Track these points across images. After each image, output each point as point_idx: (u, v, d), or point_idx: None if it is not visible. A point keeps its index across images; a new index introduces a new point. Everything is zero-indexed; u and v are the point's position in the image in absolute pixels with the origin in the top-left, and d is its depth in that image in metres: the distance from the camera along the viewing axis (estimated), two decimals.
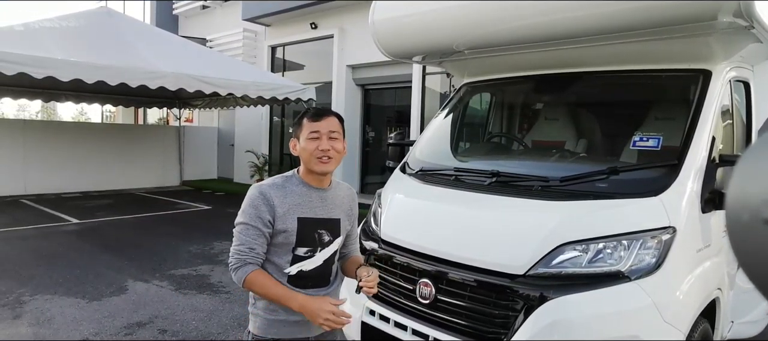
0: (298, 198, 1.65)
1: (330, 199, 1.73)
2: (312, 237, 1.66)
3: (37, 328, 3.64)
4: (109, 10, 8.81)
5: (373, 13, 3.29)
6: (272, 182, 1.68)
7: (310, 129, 1.64)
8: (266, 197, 1.61)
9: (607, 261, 2.07)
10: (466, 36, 2.95)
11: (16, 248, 5.94)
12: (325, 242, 1.69)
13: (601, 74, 2.93)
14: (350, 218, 1.83)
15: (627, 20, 2.34)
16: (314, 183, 1.69)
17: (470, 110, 3.79)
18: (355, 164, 11.06)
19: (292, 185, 1.68)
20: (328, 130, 1.65)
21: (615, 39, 2.50)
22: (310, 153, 1.63)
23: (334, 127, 1.66)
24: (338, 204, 1.76)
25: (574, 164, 2.91)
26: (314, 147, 1.63)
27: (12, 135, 10.26)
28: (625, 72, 2.83)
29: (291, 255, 1.65)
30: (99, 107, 14.00)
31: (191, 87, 7.36)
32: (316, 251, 1.68)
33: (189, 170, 12.87)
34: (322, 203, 1.70)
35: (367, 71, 10.49)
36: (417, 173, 3.01)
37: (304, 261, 1.66)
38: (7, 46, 6.04)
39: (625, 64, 2.79)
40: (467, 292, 2.20)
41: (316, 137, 1.64)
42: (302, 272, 1.66)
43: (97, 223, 7.61)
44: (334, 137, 1.66)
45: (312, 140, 1.64)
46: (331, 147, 1.64)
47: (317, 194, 1.70)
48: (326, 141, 1.64)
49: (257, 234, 1.60)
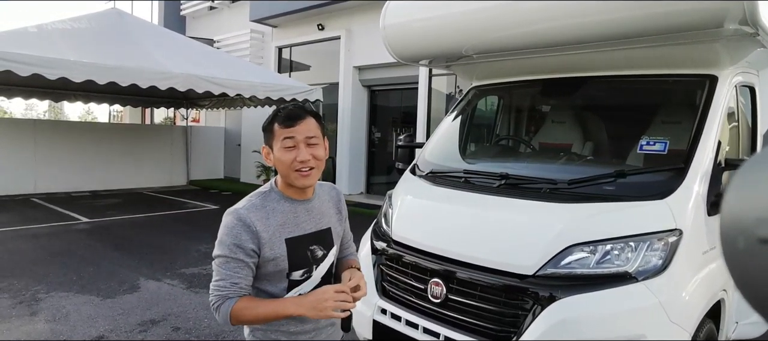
0: (281, 217, 1.43)
1: (316, 209, 1.52)
2: (305, 257, 1.46)
3: (53, 324, 3.72)
4: (119, 11, 8.91)
5: (384, 16, 3.36)
6: (250, 203, 1.43)
7: (283, 136, 1.39)
8: (246, 223, 1.37)
9: (615, 262, 2.13)
10: (476, 40, 3.01)
11: (30, 246, 6.04)
12: (319, 257, 1.50)
13: (608, 79, 2.99)
14: (341, 221, 1.63)
15: (634, 26, 2.40)
16: (297, 196, 1.47)
17: (478, 113, 3.85)
18: (361, 164, 11.13)
19: (273, 203, 1.44)
20: (304, 136, 1.40)
21: (622, 44, 2.56)
22: (288, 166, 1.39)
23: (312, 130, 1.41)
24: (325, 211, 1.55)
25: (582, 167, 2.97)
26: (291, 159, 1.38)
27: (22, 135, 10.39)
28: (631, 77, 2.88)
29: (286, 282, 1.45)
30: (106, 106, 14.10)
31: (200, 88, 7.45)
32: (312, 270, 1.48)
33: (196, 170, 12.97)
34: (308, 215, 1.49)
35: (373, 72, 10.55)
36: (427, 175, 3.07)
37: (302, 284, 1.47)
38: (21, 48, 6.14)
39: (632, 69, 2.85)
40: (477, 291, 2.26)
41: (291, 145, 1.39)
42: (301, 296, 1.45)
43: (107, 222, 7.71)
44: (313, 143, 1.41)
45: (287, 150, 1.39)
46: (311, 156, 1.40)
47: (302, 207, 1.48)
48: (305, 150, 1.39)
49: (240, 266, 1.36)
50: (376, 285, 2.75)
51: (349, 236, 1.73)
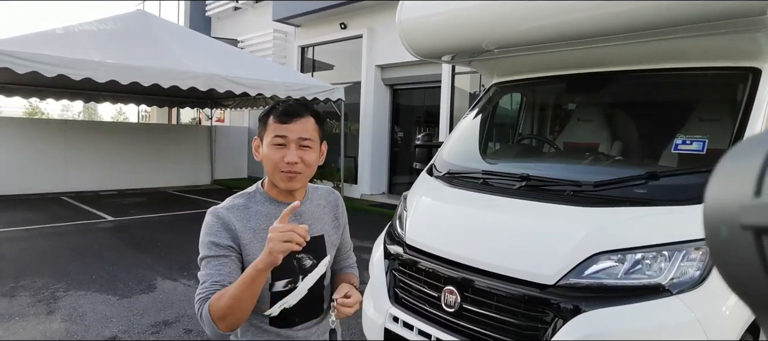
0: (264, 220, 1.31)
1: (306, 213, 1.39)
2: (290, 266, 1.31)
3: (69, 324, 3.73)
4: (144, 12, 9.03)
5: (400, 12, 3.23)
6: (231, 203, 1.34)
7: (275, 133, 1.29)
8: (225, 221, 1.28)
9: (646, 273, 1.94)
10: (496, 34, 2.85)
11: (54, 244, 6.14)
12: (307, 267, 1.36)
13: (639, 73, 2.78)
14: (338, 229, 1.49)
15: (668, 16, 2.19)
16: (283, 197, 1.35)
17: (500, 111, 3.68)
18: (383, 164, 11.03)
19: (257, 204, 1.34)
20: (298, 136, 1.29)
21: (655, 36, 2.36)
22: (274, 165, 1.29)
23: (307, 132, 1.30)
24: (318, 217, 1.42)
25: (609, 167, 2.77)
26: (278, 158, 1.28)
27: (54, 135, 10.67)
28: (664, 71, 2.67)
29: (268, 293, 1.32)
30: (135, 107, 14.40)
31: (221, 87, 7.47)
32: (297, 281, 1.35)
33: (220, 170, 13.10)
34: (296, 221, 1.31)
35: (396, 71, 10.43)
36: (444, 176, 2.92)
37: (286, 296, 1.33)
38: (48, 49, 6.25)
39: (665, 63, 2.63)
40: (493, 301, 2.11)
41: (281, 143, 1.28)
42: (286, 309, 1.34)
43: (130, 221, 7.81)
44: (306, 146, 1.30)
45: (276, 148, 1.29)
46: (299, 159, 1.29)
47: None
48: (294, 151, 1.28)
49: (221, 263, 1.25)
50: (388, 291, 2.62)
51: (347, 245, 1.59)
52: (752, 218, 0.30)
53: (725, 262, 0.33)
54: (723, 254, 0.33)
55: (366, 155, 10.80)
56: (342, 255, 1.57)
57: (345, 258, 1.59)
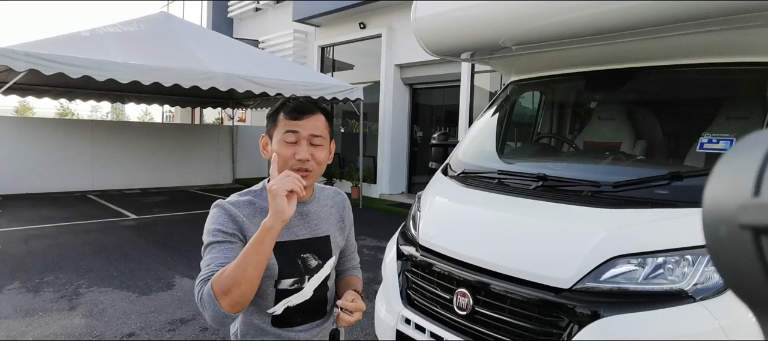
0: None
1: (313, 213, 1.37)
2: (295, 265, 1.30)
3: (89, 320, 3.79)
4: (167, 14, 9.18)
5: (415, 10, 3.18)
6: (238, 198, 1.31)
7: (286, 128, 1.26)
8: (232, 213, 1.25)
9: (668, 278, 1.85)
10: (513, 31, 2.77)
11: (79, 241, 6.29)
12: (312, 268, 1.34)
13: (663, 69, 2.67)
14: (343, 230, 1.47)
15: (696, 8, 2.09)
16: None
17: (517, 110, 3.59)
18: (402, 163, 10.98)
19: (263, 201, 1.29)
20: (309, 133, 1.27)
21: (680, 30, 2.25)
22: (284, 162, 1.26)
23: (318, 129, 1.29)
24: (325, 217, 1.40)
25: (630, 167, 2.67)
26: (289, 154, 1.25)
27: (82, 135, 10.95)
28: (691, 66, 2.55)
29: (274, 291, 1.30)
30: (159, 107, 14.68)
31: (241, 87, 7.53)
32: (303, 281, 1.32)
33: (241, 169, 13.25)
34: (302, 220, 1.34)
35: (415, 70, 10.38)
36: (458, 176, 2.87)
37: (291, 295, 1.31)
38: (74, 51, 6.40)
39: (692, 58, 2.52)
40: (506, 305, 2.04)
41: (293, 140, 1.26)
42: (289, 308, 1.32)
43: (152, 219, 7.95)
44: (317, 143, 1.29)
45: (288, 145, 1.26)
46: (311, 156, 1.27)
47: (295, 210, 1.26)
48: (306, 148, 1.26)
49: (225, 248, 1.21)
50: (400, 293, 2.58)
51: (352, 246, 1.57)
52: (751, 217, 0.30)
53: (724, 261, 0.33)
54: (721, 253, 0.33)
55: (385, 155, 10.77)
56: (346, 257, 1.55)
57: (349, 260, 1.57)
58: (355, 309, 1.31)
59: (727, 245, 0.32)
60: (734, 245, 0.31)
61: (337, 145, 12.27)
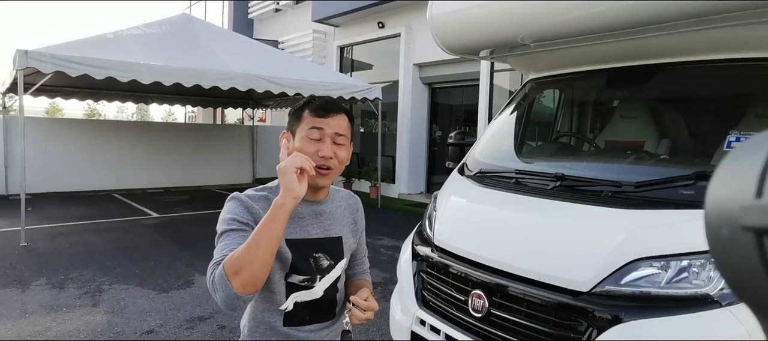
0: None
1: (327, 214, 1.37)
2: (306, 264, 1.31)
3: (111, 316, 3.86)
4: (188, 16, 9.32)
5: (430, 8, 3.15)
6: (254, 192, 1.31)
7: (311, 125, 1.26)
8: (248, 205, 1.25)
9: (693, 282, 1.78)
10: (531, 27, 2.71)
11: (103, 239, 6.42)
12: (324, 268, 1.34)
13: (690, 65, 2.57)
14: (355, 233, 1.47)
15: (724, 3, 2.00)
16: (307, 195, 1.27)
17: (536, 108, 3.52)
18: (421, 163, 10.93)
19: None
20: (334, 131, 1.27)
21: (707, 24, 2.16)
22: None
23: (341, 128, 1.29)
24: (338, 219, 1.40)
25: (654, 167, 2.58)
26: (313, 151, 1.25)
27: (107, 135, 11.21)
28: (718, 62, 2.45)
29: (284, 283, 1.30)
30: (182, 108, 14.92)
31: (260, 87, 7.59)
32: (314, 280, 1.33)
33: (261, 168, 13.38)
34: (316, 219, 1.34)
35: (434, 69, 10.32)
36: (475, 175, 2.82)
37: (301, 291, 1.32)
38: (98, 53, 6.54)
39: (719, 53, 2.42)
40: (523, 308, 2.00)
41: (317, 137, 1.26)
42: (298, 304, 1.32)
43: (174, 218, 8.08)
44: (340, 142, 1.29)
45: (311, 141, 1.26)
46: (334, 154, 1.27)
47: (310, 210, 1.33)
48: (330, 146, 1.26)
49: (239, 236, 1.19)
50: (415, 294, 2.55)
51: (363, 251, 1.57)
52: (753, 219, 0.30)
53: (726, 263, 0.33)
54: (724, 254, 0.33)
55: (404, 154, 10.74)
56: (356, 260, 1.54)
57: (359, 264, 1.56)
58: (367, 308, 1.29)
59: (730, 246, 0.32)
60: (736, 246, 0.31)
61: (356, 145, 12.27)
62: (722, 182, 0.33)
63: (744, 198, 0.31)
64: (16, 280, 4.66)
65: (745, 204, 0.30)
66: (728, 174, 0.33)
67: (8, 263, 5.20)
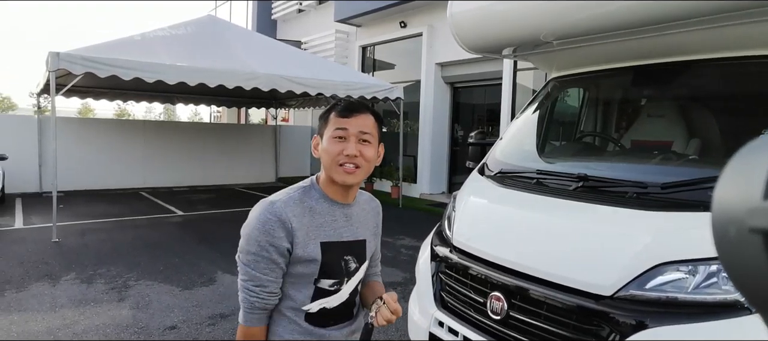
0: (320, 217, 1.32)
1: (355, 216, 1.40)
2: (338, 266, 1.34)
3: (136, 312, 3.95)
4: (213, 17, 9.48)
5: (450, 7, 3.11)
6: (287, 196, 1.32)
7: (336, 126, 1.30)
8: (282, 218, 1.25)
9: (722, 288, 1.71)
10: (555, 24, 2.65)
11: (130, 236, 6.58)
12: (352, 270, 1.37)
13: (721, 62, 2.47)
14: (376, 236, 1.51)
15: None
16: (338, 197, 1.35)
17: (559, 107, 3.45)
18: (443, 163, 10.86)
19: (312, 200, 1.33)
20: (358, 130, 1.30)
21: (740, 19, 2.08)
22: (333, 158, 1.29)
23: (367, 127, 1.31)
24: (363, 221, 1.43)
25: (681, 167, 2.49)
26: (338, 151, 1.28)
27: (135, 135, 11.49)
28: (751, 59, 2.35)
29: (312, 288, 1.32)
30: (206, 108, 15.17)
31: (282, 87, 7.66)
32: (343, 283, 1.35)
33: (284, 167, 13.52)
34: (347, 221, 1.37)
35: (456, 69, 10.24)
36: (495, 175, 2.77)
37: (329, 296, 1.35)
38: (126, 55, 6.70)
39: (752, 49, 2.32)
40: (543, 311, 1.95)
41: (342, 136, 1.29)
42: (325, 309, 1.35)
43: (198, 216, 8.23)
44: (366, 141, 1.31)
45: (337, 141, 1.29)
46: (359, 153, 1.29)
47: (342, 212, 1.36)
48: (355, 144, 1.29)
49: (270, 268, 1.25)
50: (434, 295, 2.52)
51: (378, 253, 1.58)
52: (761, 221, 0.30)
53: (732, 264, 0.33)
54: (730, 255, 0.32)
55: (425, 154, 10.69)
56: (372, 263, 1.55)
57: (374, 266, 1.57)
58: (394, 310, 1.33)
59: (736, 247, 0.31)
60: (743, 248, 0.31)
61: None
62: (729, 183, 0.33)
63: (751, 200, 0.30)
64: (48, 275, 4.81)
65: (752, 206, 0.30)
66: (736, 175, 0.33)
67: (40, 258, 5.38)
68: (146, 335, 3.54)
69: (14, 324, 3.64)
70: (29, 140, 10.18)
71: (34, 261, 5.28)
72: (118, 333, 3.54)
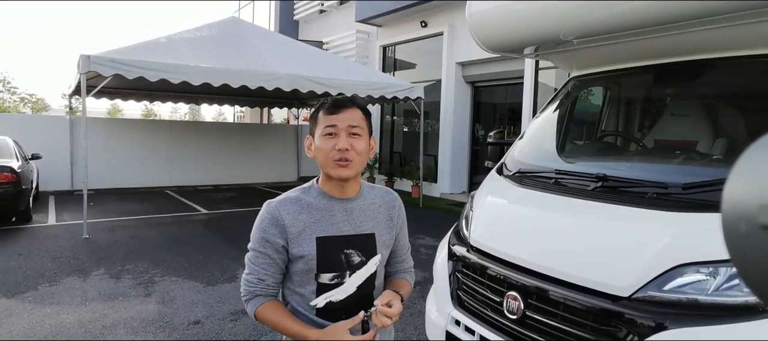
0: (316, 214, 1.36)
1: (357, 210, 1.41)
2: (337, 260, 1.36)
3: (161, 307, 4.06)
4: (236, 19, 9.64)
5: (469, 7, 3.11)
6: (285, 196, 1.40)
7: (325, 123, 1.33)
8: (275, 216, 1.34)
9: (743, 290, 1.67)
10: (576, 22, 2.62)
11: (156, 233, 6.76)
12: (355, 264, 1.38)
13: (749, 59, 2.42)
14: (392, 229, 1.48)
15: None
16: (336, 193, 1.39)
17: (579, 107, 3.41)
18: (464, 163, 10.82)
19: (309, 198, 1.38)
20: (347, 124, 1.33)
21: (762, 16, 2.03)
22: (326, 154, 1.33)
23: (355, 120, 1.34)
24: (371, 215, 1.43)
25: (704, 167, 2.44)
26: (330, 146, 1.32)
27: (161, 134, 11.79)
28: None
29: (315, 284, 1.36)
30: (230, 108, 15.43)
31: (304, 88, 7.75)
32: (344, 276, 1.37)
33: (305, 166, 13.66)
34: (346, 216, 1.38)
35: (477, 68, 10.18)
36: (513, 175, 2.77)
37: (332, 290, 1.36)
38: (152, 56, 6.89)
39: None
40: (559, 311, 1.94)
41: (332, 132, 1.32)
42: (332, 303, 1.37)
43: (222, 214, 8.39)
44: (356, 134, 1.34)
45: (328, 138, 1.33)
46: (350, 146, 1.32)
47: (340, 206, 1.38)
48: (345, 139, 1.32)
49: (267, 263, 1.35)
50: (451, 294, 2.54)
51: (404, 248, 1.58)
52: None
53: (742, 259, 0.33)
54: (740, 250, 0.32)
55: (446, 154, 10.67)
56: (397, 258, 1.56)
57: (400, 262, 1.57)
58: (387, 314, 1.32)
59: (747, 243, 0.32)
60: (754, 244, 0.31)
61: (398, 143, 12.29)
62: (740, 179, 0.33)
63: (763, 196, 0.30)
64: (78, 270, 4.99)
65: (764, 202, 0.30)
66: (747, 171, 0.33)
67: (72, 253, 5.58)
68: (171, 329, 3.64)
69: (47, 317, 3.79)
70: (62, 139, 10.54)
71: (66, 256, 5.48)
72: (144, 327, 3.66)
